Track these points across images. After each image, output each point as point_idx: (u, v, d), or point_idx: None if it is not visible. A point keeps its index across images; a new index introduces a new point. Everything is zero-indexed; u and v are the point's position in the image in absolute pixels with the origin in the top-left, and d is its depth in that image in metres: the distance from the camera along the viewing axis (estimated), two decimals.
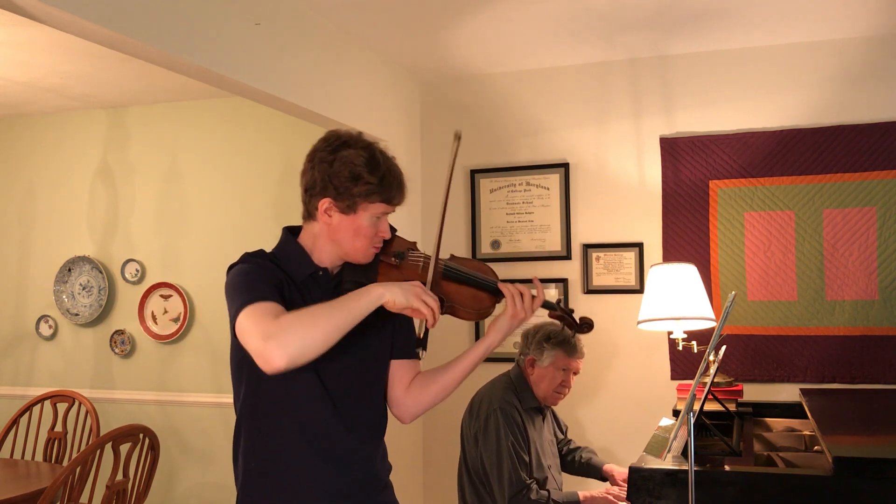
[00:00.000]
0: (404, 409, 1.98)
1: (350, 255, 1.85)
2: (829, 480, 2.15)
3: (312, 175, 1.83)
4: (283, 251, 1.88)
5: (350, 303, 1.66)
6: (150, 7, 2.54)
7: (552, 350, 3.02)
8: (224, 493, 4.51)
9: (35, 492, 3.16)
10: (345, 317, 1.63)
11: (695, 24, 3.52)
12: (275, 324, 1.60)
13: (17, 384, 4.99)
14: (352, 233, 1.82)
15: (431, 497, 4.24)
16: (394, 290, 1.69)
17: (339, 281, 1.86)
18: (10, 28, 3.42)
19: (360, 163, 1.79)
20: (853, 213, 3.64)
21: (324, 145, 1.84)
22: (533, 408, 3.04)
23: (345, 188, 1.79)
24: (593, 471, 3.22)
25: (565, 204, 4.08)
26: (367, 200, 1.80)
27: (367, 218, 1.82)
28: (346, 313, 1.64)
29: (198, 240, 4.65)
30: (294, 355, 1.57)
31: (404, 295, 1.69)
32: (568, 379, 3.05)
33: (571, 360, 3.03)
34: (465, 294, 1.92)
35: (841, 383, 3.64)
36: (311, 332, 1.59)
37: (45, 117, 5.01)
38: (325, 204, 1.81)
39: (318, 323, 1.61)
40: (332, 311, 1.63)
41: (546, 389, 3.03)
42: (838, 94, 3.70)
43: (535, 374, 3.04)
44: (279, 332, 1.58)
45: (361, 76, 3.78)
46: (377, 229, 1.84)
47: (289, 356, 1.57)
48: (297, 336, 1.58)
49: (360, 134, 1.87)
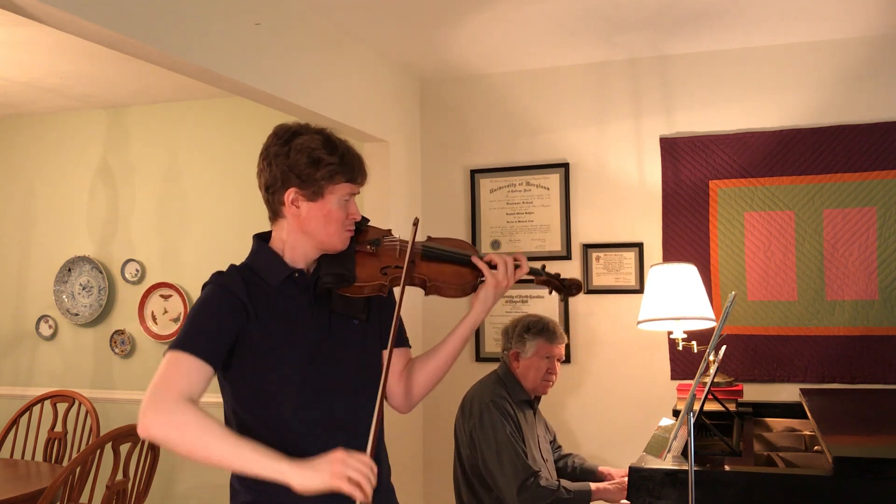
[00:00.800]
0: (400, 398, 1.95)
1: (325, 243, 1.82)
2: (829, 480, 2.15)
3: (271, 172, 1.80)
4: (257, 260, 1.84)
5: (255, 457, 1.57)
6: (150, 7, 2.54)
7: (533, 340, 3.06)
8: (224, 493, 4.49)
9: (35, 492, 3.16)
10: (231, 461, 1.58)
11: (695, 24, 3.52)
12: (165, 397, 1.60)
13: (17, 384, 4.99)
14: (323, 219, 1.79)
15: (431, 497, 4.24)
16: (304, 471, 1.54)
17: (317, 278, 1.83)
18: (10, 28, 3.42)
19: (317, 146, 1.77)
20: (853, 213, 3.64)
21: (275, 140, 1.81)
22: (523, 401, 3.08)
23: (307, 174, 1.76)
24: (587, 475, 3.22)
25: (565, 204, 4.08)
26: (332, 182, 1.77)
27: (335, 201, 1.79)
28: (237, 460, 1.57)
29: (198, 240, 4.65)
30: (156, 437, 1.59)
31: (317, 476, 1.54)
32: (553, 366, 3.10)
33: (553, 346, 3.08)
34: (446, 272, 1.91)
35: (841, 383, 3.64)
36: (180, 437, 1.58)
37: (45, 117, 5.01)
38: (291, 194, 1.78)
39: (188, 440, 1.57)
40: (223, 446, 1.57)
41: (534, 379, 3.07)
42: (838, 94, 3.70)
43: (521, 366, 3.08)
44: (158, 410, 1.59)
45: (361, 76, 3.78)
46: (347, 212, 1.81)
47: (149, 435, 1.59)
48: (167, 428, 1.58)
49: (308, 123, 1.84)
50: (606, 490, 2.97)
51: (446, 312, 4.14)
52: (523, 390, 3.07)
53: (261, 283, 1.78)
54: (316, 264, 1.86)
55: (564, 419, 4.01)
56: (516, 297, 4.14)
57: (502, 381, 3.08)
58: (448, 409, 4.09)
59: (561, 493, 2.85)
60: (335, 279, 1.80)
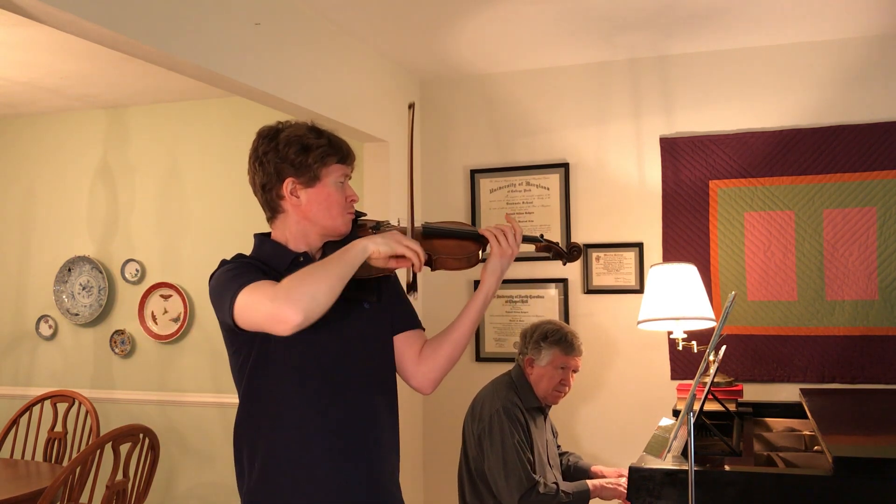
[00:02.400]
0: (421, 377, 1.97)
1: (328, 227, 1.86)
2: (829, 480, 2.15)
3: (265, 170, 1.85)
4: (261, 251, 1.89)
5: (342, 256, 1.68)
6: (150, 7, 2.54)
7: (549, 349, 3.02)
8: (224, 493, 4.51)
9: (35, 492, 3.16)
10: (342, 268, 1.65)
11: (695, 24, 3.52)
12: (278, 287, 1.62)
13: (17, 384, 4.99)
14: (324, 203, 1.84)
15: (431, 497, 4.24)
16: (376, 240, 1.71)
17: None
18: (10, 28, 3.42)
19: (303, 133, 1.84)
20: (853, 213, 3.64)
21: (261, 141, 1.87)
22: (535, 407, 3.04)
23: (300, 161, 1.82)
24: (581, 474, 3.22)
25: (565, 204, 4.08)
26: (325, 164, 1.83)
27: (332, 184, 1.84)
28: (342, 265, 1.66)
29: (198, 240, 4.65)
30: (307, 308, 1.58)
31: (387, 243, 1.71)
32: (567, 377, 3.05)
33: (569, 358, 3.04)
34: (449, 245, 1.94)
35: (841, 383, 3.64)
36: (316, 284, 1.61)
37: (45, 117, 5.01)
38: (289, 185, 1.83)
39: (320, 277, 1.62)
40: (329, 266, 1.65)
41: (546, 388, 3.03)
42: (838, 94, 3.70)
43: (535, 373, 3.04)
44: (285, 292, 1.60)
45: (361, 76, 3.78)
46: (345, 194, 1.87)
47: (302, 309, 1.58)
48: (304, 290, 1.59)
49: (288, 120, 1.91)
50: (604, 488, 2.97)
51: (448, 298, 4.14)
52: (535, 397, 3.03)
53: (271, 270, 1.80)
54: (321, 252, 1.89)
55: (564, 419, 4.01)
56: (516, 296, 4.14)
57: (515, 386, 3.04)
58: (448, 408, 4.10)
59: (560, 497, 2.85)
60: None
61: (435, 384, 1.98)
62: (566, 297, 4.05)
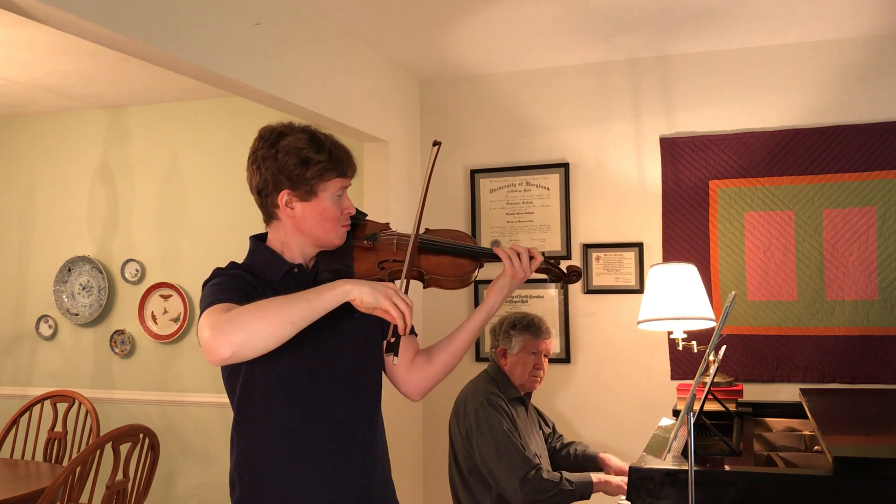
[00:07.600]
0: (412, 384, 1.96)
1: (322, 240, 1.83)
2: (829, 480, 2.15)
3: (261, 175, 1.80)
4: (255, 259, 1.86)
5: (312, 296, 1.57)
6: (150, 7, 2.54)
7: (519, 335, 3.10)
8: (224, 493, 4.50)
9: (35, 492, 3.16)
10: (302, 310, 1.55)
11: (695, 24, 3.52)
12: (223, 316, 1.54)
13: (17, 384, 4.99)
14: (318, 217, 1.80)
15: (431, 497, 4.24)
16: (363, 288, 1.59)
17: (316, 273, 1.85)
18: (10, 28, 3.42)
19: (304, 145, 1.78)
20: (853, 213, 3.64)
21: (261, 143, 1.82)
22: (515, 398, 3.09)
23: (298, 175, 1.77)
24: (589, 462, 3.23)
25: (565, 204, 4.08)
26: (323, 180, 1.79)
27: (329, 198, 1.80)
28: (304, 306, 1.55)
29: (198, 240, 4.65)
30: (238, 347, 1.51)
31: (374, 295, 1.59)
32: (540, 361, 3.12)
33: (539, 341, 3.11)
34: (444, 264, 1.91)
35: (841, 383, 3.64)
36: (260, 323, 1.52)
37: (45, 117, 5.01)
38: (285, 197, 1.79)
39: (269, 315, 1.53)
40: (288, 304, 1.55)
41: (522, 375, 3.09)
42: (838, 94, 3.70)
43: (509, 362, 3.11)
44: (225, 323, 1.52)
45: (361, 76, 3.78)
46: (341, 207, 1.83)
47: (232, 346, 1.51)
48: (243, 327, 1.51)
49: (291, 122, 1.85)
50: (608, 483, 2.98)
51: (446, 308, 4.15)
52: (514, 387, 3.10)
53: (261, 283, 1.79)
54: (314, 260, 1.88)
55: (565, 419, 4.01)
56: (516, 296, 4.14)
57: (493, 380, 3.11)
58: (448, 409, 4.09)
59: (564, 484, 2.85)
60: (333, 275, 1.81)
61: (424, 393, 1.98)
62: (566, 297, 4.05)
